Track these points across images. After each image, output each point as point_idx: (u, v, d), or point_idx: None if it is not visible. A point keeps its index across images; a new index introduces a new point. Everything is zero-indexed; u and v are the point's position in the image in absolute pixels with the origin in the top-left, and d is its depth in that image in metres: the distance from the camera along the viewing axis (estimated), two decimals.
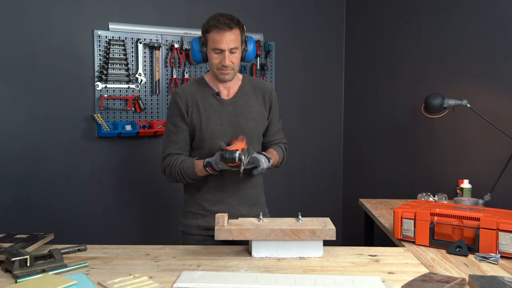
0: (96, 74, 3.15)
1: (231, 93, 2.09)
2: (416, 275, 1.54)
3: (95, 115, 3.12)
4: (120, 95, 3.23)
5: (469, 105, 2.64)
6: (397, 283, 1.49)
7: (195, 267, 1.64)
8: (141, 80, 3.27)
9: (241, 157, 1.79)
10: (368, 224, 2.92)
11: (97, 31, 3.14)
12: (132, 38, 3.24)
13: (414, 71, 3.33)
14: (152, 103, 3.34)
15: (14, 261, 1.52)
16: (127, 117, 3.26)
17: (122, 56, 3.22)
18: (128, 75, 3.24)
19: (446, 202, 2.53)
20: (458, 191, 2.79)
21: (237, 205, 2.07)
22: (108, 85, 3.18)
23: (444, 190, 2.86)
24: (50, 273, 1.54)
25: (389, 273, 1.60)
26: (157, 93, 3.33)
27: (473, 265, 1.69)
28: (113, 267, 1.64)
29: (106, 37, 3.16)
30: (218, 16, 1.94)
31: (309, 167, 3.93)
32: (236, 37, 1.95)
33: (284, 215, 2.03)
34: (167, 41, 3.34)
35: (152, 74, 3.32)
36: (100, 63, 3.16)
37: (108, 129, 3.13)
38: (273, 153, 2.10)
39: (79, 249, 1.76)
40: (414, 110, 3.29)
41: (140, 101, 3.26)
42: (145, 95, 3.31)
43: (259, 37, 3.62)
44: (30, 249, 1.67)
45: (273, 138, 2.19)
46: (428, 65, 3.21)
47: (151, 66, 3.31)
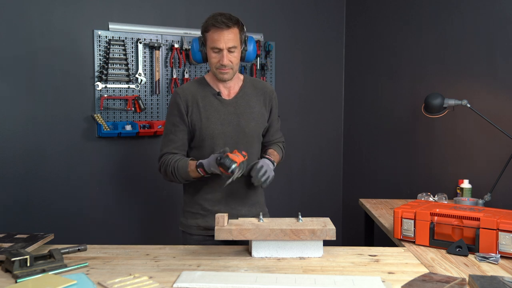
0: (96, 74, 3.15)
1: (232, 93, 2.09)
2: (416, 275, 1.54)
3: (95, 115, 3.12)
4: (120, 95, 3.23)
5: (469, 105, 2.64)
6: (397, 283, 1.49)
7: (195, 267, 1.64)
8: (141, 80, 3.27)
9: (235, 170, 1.80)
10: (368, 224, 2.91)
11: (97, 31, 3.14)
12: (132, 38, 3.24)
13: (414, 71, 3.33)
14: (152, 103, 3.34)
15: (14, 261, 1.52)
16: (127, 117, 3.26)
17: (122, 56, 3.22)
18: (128, 75, 3.24)
19: (446, 202, 2.53)
20: (458, 191, 2.79)
21: (237, 205, 2.08)
22: (108, 85, 3.18)
23: (444, 190, 2.86)
24: (50, 273, 1.54)
25: (389, 273, 1.60)
26: (157, 93, 3.33)
27: (473, 265, 1.69)
28: (113, 267, 1.64)
29: (106, 37, 3.16)
30: (217, 15, 1.95)
31: (309, 167, 3.93)
32: (234, 36, 1.95)
33: (284, 215, 2.03)
34: (167, 41, 3.34)
35: (152, 74, 3.32)
36: (100, 63, 3.16)
37: (108, 129, 3.13)
38: (274, 154, 2.13)
39: (79, 249, 1.76)
40: (414, 110, 3.28)
41: (140, 101, 3.26)
42: (145, 95, 3.31)
43: (259, 37, 3.62)
44: (30, 249, 1.66)
45: (272, 138, 2.21)
46: (428, 65, 3.21)
47: (151, 66, 3.31)
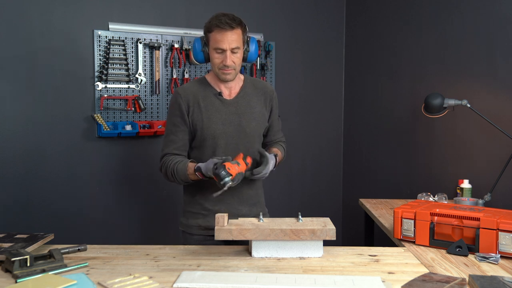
0: (96, 74, 3.14)
1: (233, 93, 2.09)
2: (416, 275, 1.54)
3: (95, 115, 3.12)
4: (120, 95, 3.23)
5: (469, 105, 2.64)
6: (397, 283, 1.49)
7: (195, 267, 1.64)
8: (141, 80, 3.27)
9: (227, 183, 1.78)
10: (368, 224, 2.91)
11: (97, 31, 3.14)
12: (132, 38, 3.24)
13: (414, 71, 3.33)
14: (152, 103, 3.34)
15: (14, 261, 1.52)
16: (127, 117, 3.26)
17: (122, 56, 3.22)
18: (128, 75, 3.24)
19: (446, 202, 2.53)
20: (458, 191, 2.79)
21: (238, 205, 2.08)
22: (108, 85, 3.18)
23: (444, 190, 2.86)
24: (50, 273, 1.54)
25: (389, 273, 1.60)
26: (157, 93, 3.33)
27: (473, 265, 1.69)
28: (113, 267, 1.64)
29: (106, 37, 3.16)
30: (220, 15, 1.94)
31: (309, 167, 3.93)
32: (238, 37, 1.95)
33: (284, 215, 2.03)
34: (167, 41, 3.34)
35: (152, 74, 3.32)
36: (100, 63, 3.16)
37: (108, 129, 3.13)
38: (278, 154, 2.13)
39: (79, 249, 1.76)
40: (414, 110, 3.28)
41: (140, 101, 3.26)
42: (145, 95, 3.31)
43: (259, 37, 3.62)
44: (30, 249, 1.66)
45: (274, 138, 2.22)
46: (428, 65, 3.21)
47: (151, 66, 3.31)
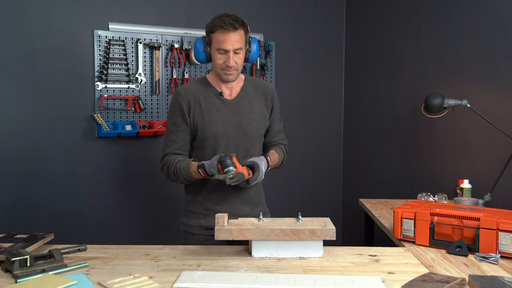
0: (96, 74, 3.14)
1: (234, 93, 2.09)
2: (416, 275, 1.54)
3: (95, 115, 3.12)
4: (120, 95, 3.23)
5: (469, 105, 2.64)
6: (397, 283, 1.49)
7: (195, 267, 1.64)
8: (141, 80, 3.27)
9: (231, 172, 1.79)
10: (368, 224, 2.91)
11: (97, 31, 3.14)
12: (132, 38, 3.24)
13: (414, 71, 3.33)
14: (152, 103, 3.34)
15: (14, 261, 1.52)
16: (127, 117, 3.26)
17: (122, 56, 3.22)
18: (128, 75, 3.24)
19: (446, 202, 2.53)
20: (458, 191, 2.79)
21: (239, 204, 2.07)
22: (108, 85, 3.18)
23: (444, 190, 2.86)
24: (50, 273, 1.54)
25: (389, 273, 1.60)
26: (157, 93, 3.33)
27: (473, 265, 1.69)
28: (113, 267, 1.64)
29: (106, 37, 3.16)
30: (223, 16, 1.94)
31: (309, 167, 3.93)
32: (240, 37, 1.95)
33: (284, 215, 2.03)
34: (167, 41, 3.34)
35: (152, 74, 3.32)
36: (100, 63, 3.15)
37: (108, 129, 3.13)
38: (274, 155, 2.11)
39: (79, 249, 1.76)
40: (414, 110, 3.28)
41: (140, 101, 3.26)
42: (145, 95, 3.31)
43: (259, 37, 3.62)
44: (30, 249, 1.66)
45: (274, 139, 2.20)
46: (428, 65, 3.21)
47: (151, 66, 3.31)
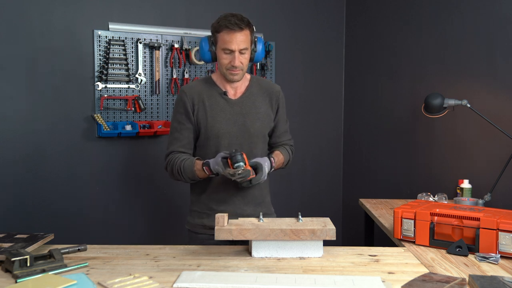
0: (96, 74, 3.15)
1: (238, 93, 2.08)
2: (416, 275, 1.54)
3: (95, 115, 3.12)
4: (120, 95, 3.23)
5: (469, 105, 2.64)
6: (397, 283, 1.49)
7: (195, 267, 1.64)
8: (141, 80, 3.27)
9: (241, 167, 1.80)
10: (368, 224, 2.91)
11: (97, 31, 3.14)
12: (132, 38, 3.24)
13: (414, 71, 3.33)
14: (152, 103, 3.34)
15: (14, 261, 1.52)
16: (127, 117, 3.26)
17: (122, 56, 3.22)
18: (128, 75, 3.24)
19: (446, 202, 2.53)
20: (458, 191, 2.79)
21: (243, 205, 2.07)
22: (108, 85, 3.18)
23: (444, 190, 2.86)
24: (50, 273, 1.54)
25: (389, 273, 1.60)
26: (157, 93, 3.33)
27: (473, 265, 1.69)
28: (113, 267, 1.64)
29: (106, 37, 3.16)
30: (229, 16, 1.94)
31: (309, 167, 3.93)
32: (246, 37, 1.95)
33: (284, 215, 2.03)
34: (167, 41, 3.34)
35: (152, 74, 3.32)
36: (100, 63, 3.16)
37: (108, 129, 3.13)
38: (279, 156, 2.10)
39: (79, 249, 1.76)
40: (414, 110, 3.28)
41: (140, 101, 3.26)
42: (145, 95, 3.31)
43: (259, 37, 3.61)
44: (30, 249, 1.66)
45: (280, 140, 2.18)
46: (428, 65, 3.21)
47: (151, 66, 3.31)
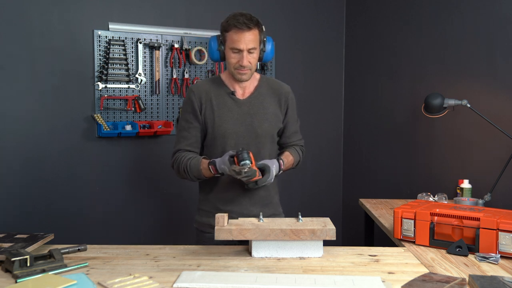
0: (96, 74, 3.15)
1: (247, 93, 2.08)
2: (416, 275, 1.54)
3: (95, 115, 3.12)
4: (120, 95, 3.23)
5: (469, 105, 2.64)
6: (397, 283, 1.49)
7: (195, 267, 1.64)
8: (141, 80, 3.27)
9: (247, 165, 1.79)
10: (368, 224, 2.91)
11: (97, 31, 3.14)
12: (132, 38, 3.24)
13: (414, 71, 3.33)
14: (152, 103, 3.34)
15: (14, 261, 1.52)
16: (127, 117, 3.26)
17: (122, 56, 3.22)
18: (128, 75, 3.24)
19: (446, 202, 2.53)
20: (458, 191, 2.79)
21: (249, 205, 2.06)
22: (108, 85, 3.18)
23: (444, 190, 2.86)
24: (50, 273, 1.54)
25: (389, 273, 1.60)
26: (157, 93, 3.33)
27: (473, 265, 1.69)
28: (113, 267, 1.64)
29: (106, 37, 3.16)
30: (238, 15, 1.94)
31: (309, 167, 3.92)
32: (254, 37, 1.95)
33: (284, 215, 2.03)
34: (167, 41, 3.34)
35: (152, 74, 3.32)
36: (100, 63, 3.16)
37: (108, 129, 3.13)
38: (289, 158, 2.09)
39: (79, 249, 1.76)
40: (414, 110, 3.28)
41: (140, 101, 3.26)
42: (145, 95, 3.31)
43: None
44: (30, 249, 1.66)
45: (289, 140, 2.17)
46: (428, 65, 3.21)
47: (151, 66, 3.31)
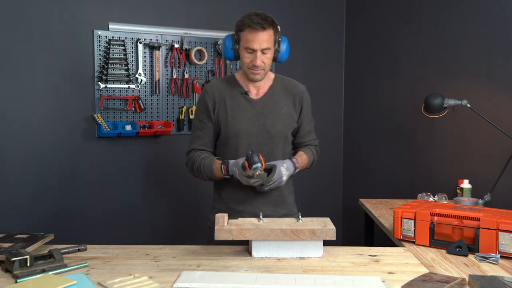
0: (96, 74, 3.14)
1: (261, 93, 2.07)
2: (416, 275, 1.54)
3: (95, 115, 3.12)
4: (120, 95, 3.23)
5: (469, 105, 2.64)
6: (397, 283, 1.49)
7: (195, 267, 1.64)
8: (141, 80, 3.27)
9: (258, 169, 1.79)
10: (368, 224, 2.91)
11: (97, 31, 3.14)
12: (132, 38, 3.24)
13: (414, 71, 3.33)
14: (152, 103, 3.34)
15: (14, 261, 1.52)
16: (127, 117, 3.26)
17: (122, 56, 3.22)
18: (128, 75, 3.24)
19: (446, 202, 2.53)
20: (458, 191, 2.79)
21: (262, 205, 2.05)
22: (108, 85, 3.18)
23: (444, 190, 2.86)
24: (50, 273, 1.54)
25: (389, 273, 1.60)
26: (157, 93, 3.33)
27: (473, 265, 1.69)
28: (113, 267, 1.64)
29: (106, 37, 3.16)
30: (253, 15, 1.93)
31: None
32: (269, 37, 1.94)
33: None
34: (167, 41, 3.34)
35: (152, 74, 3.32)
36: (100, 63, 3.15)
37: (108, 129, 3.13)
38: (303, 157, 2.09)
39: (79, 249, 1.76)
40: (414, 110, 3.28)
41: (140, 101, 3.26)
42: (145, 95, 3.31)
43: None
44: (30, 249, 1.66)
45: (304, 140, 2.17)
46: (428, 65, 3.21)
47: (151, 66, 3.31)
